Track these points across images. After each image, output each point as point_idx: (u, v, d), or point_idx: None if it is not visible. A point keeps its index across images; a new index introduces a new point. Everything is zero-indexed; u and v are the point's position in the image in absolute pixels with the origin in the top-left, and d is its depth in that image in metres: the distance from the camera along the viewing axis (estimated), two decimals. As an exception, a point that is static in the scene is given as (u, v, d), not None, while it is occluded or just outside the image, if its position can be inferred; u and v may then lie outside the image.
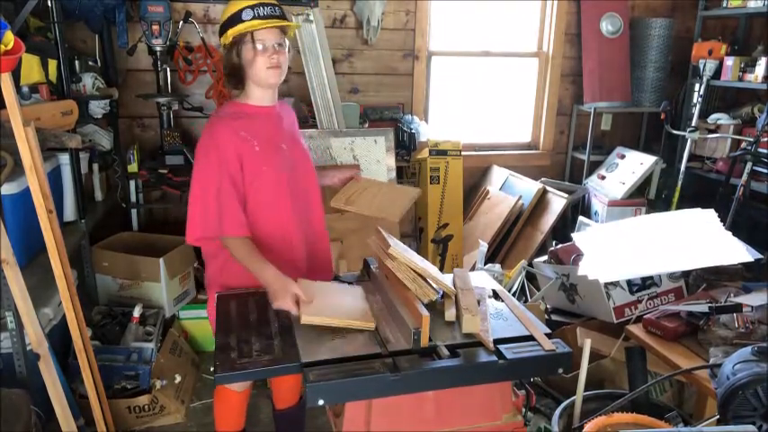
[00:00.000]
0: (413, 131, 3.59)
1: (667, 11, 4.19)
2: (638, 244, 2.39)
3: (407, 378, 1.34)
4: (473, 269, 3.33)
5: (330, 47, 3.25)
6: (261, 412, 2.61)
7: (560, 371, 1.45)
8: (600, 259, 2.39)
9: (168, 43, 3.06)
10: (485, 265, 3.35)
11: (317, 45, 3.11)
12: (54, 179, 2.40)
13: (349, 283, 1.83)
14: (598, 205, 3.93)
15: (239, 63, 1.78)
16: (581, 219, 3.69)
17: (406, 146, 3.60)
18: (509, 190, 3.93)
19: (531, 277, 3.25)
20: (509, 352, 1.42)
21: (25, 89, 2.28)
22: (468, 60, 4.13)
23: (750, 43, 4.15)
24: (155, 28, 2.99)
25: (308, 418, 2.33)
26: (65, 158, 2.51)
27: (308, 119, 3.33)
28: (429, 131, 3.75)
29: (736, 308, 1.92)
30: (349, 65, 3.76)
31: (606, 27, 4.01)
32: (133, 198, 3.24)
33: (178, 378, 2.65)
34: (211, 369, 2.03)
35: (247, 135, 1.78)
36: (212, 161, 1.75)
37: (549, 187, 3.82)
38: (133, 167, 3.15)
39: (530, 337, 1.51)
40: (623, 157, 4.05)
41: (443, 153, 3.51)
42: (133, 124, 3.52)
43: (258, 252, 1.76)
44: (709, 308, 1.95)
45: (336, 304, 1.62)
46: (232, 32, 1.74)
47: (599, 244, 2.50)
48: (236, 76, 1.82)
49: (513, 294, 3.04)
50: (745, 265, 2.41)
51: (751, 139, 3.47)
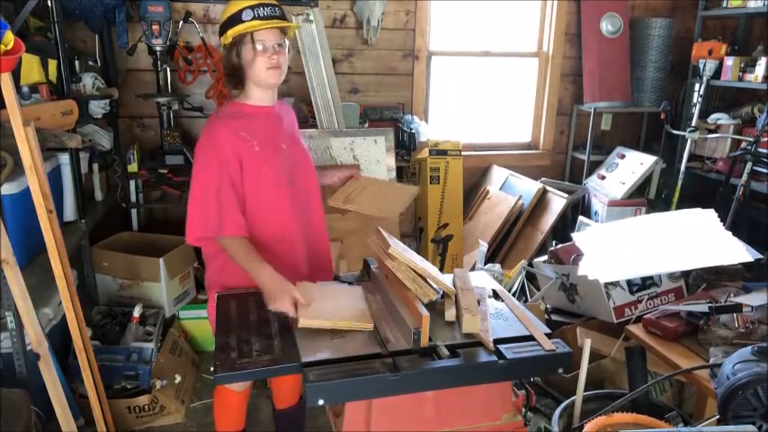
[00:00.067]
0: (413, 131, 3.59)
1: (667, 11, 4.19)
2: (638, 244, 2.39)
3: (407, 378, 1.34)
4: (473, 269, 3.33)
5: (330, 47, 3.25)
6: (261, 412, 2.61)
7: (560, 371, 1.45)
8: (600, 259, 2.39)
9: (168, 43, 3.06)
10: (485, 265, 3.35)
11: (316, 45, 3.11)
12: (54, 179, 2.40)
13: (349, 283, 1.83)
14: (598, 205, 3.93)
15: (239, 63, 1.78)
16: (581, 219, 3.69)
17: (406, 146, 3.60)
18: (509, 190, 3.93)
19: (531, 277, 3.25)
20: (509, 352, 1.42)
21: (25, 89, 2.28)
22: (468, 60, 4.12)
23: (750, 43, 4.15)
24: (155, 28, 2.99)
25: (308, 418, 2.33)
26: (65, 158, 2.51)
27: (308, 119, 3.33)
28: (429, 131, 3.74)
29: (736, 308, 1.92)
30: (349, 65, 3.76)
31: (606, 27, 4.01)
32: (133, 198, 3.24)
33: (178, 378, 2.66)
34: (211, 369, 2.03)
35: (247, 135, 1.78)
36: (212, 161, 1.75)
37: (549, 187, 3.82)
38: (133, 167, 3.15)
39: (530, 337, 1.51)
40: (623, 157, 4.05)
41: (443, 153, 3.51)
42: (133, 124, 3.52)
43: (256, 252, 1.76)
44: (710, 308, 1.95)
45: (334, 306, 1.62)
46: (232, 33, 1.74)
47: (599, 244, 2.50)
48: (235, 76, 1.82)
49: (513, 294, 3.04)
50: (745, 265, 2.41)
51: (751, 139, 3.47)
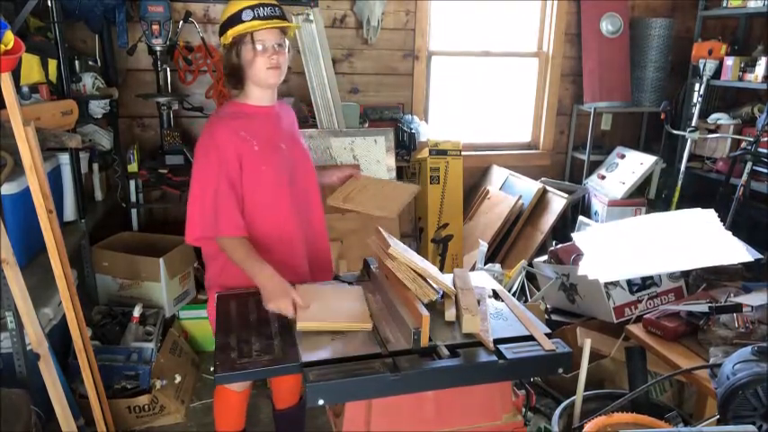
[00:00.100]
0: (413, 131, 3.59)
1: (667, 11, 4.19)
2: (638, 244, 2.39)
3: (407, 378, 1.34)
4: (473, 269, 3.32)
5: (330, 47, 3.25)
6: (261, 412, 2.61)
7: (560, 371, 1.45)
8: (600, 259, 2.39)
9: (168, 43, 3.06)
10: (485, 264, 3.35)
11: (316, 45, 3.11)
12: (54, 179, 2.39)
13: (349, 283, 1.83)
14: (598, 205, 3.93)
15: (239, 63, 1.78)
16: (581, 219, 3.69)
17: (406, 146, 3.60)
18: (509, 190, 3.93)
19: (531, 277, 3.25)
20: (509, 352, 1.42)
21: (25, 89, 2.28)
22: (468, 60, 4.12)
23: (750, 43, 4.15)
24: (155, 28, 2.99)
25: (308, 418, 2.33)
26: (65, 158, 2.51)
27: (308, 119, 3.33)
28: (429, 131, 3.74)
29: (736, 308, 1.92)
30: (349, 65, 3.75)
31: (606, 27, 4.01)
32: (133, 198, 3.24)
33: (178, 378, 2.65)
34: (211, 369, 2.03)
35: (246, 135, 1.78)
36: (211, 161, 1.75)
37: (549, 187, 3.82)
38: (133, 167, 3.15)
39: (530, 337, 1.50)
40: (623, 156, 4.05)
41: (443, 153, 3.51)
42: (133, 124, 3.52)
43: (255, 252, 1.75)
44: (710, 308, 1.95)
45: (333, 307, 1.62)
46: (232, 33, 1.74)
47: (599, 244, 2.50)
48: (235, 76, 1.81)
49: (513, 294, 3.04)
50: (745, 265, 2.41)
51: (751, 139, 3.47)
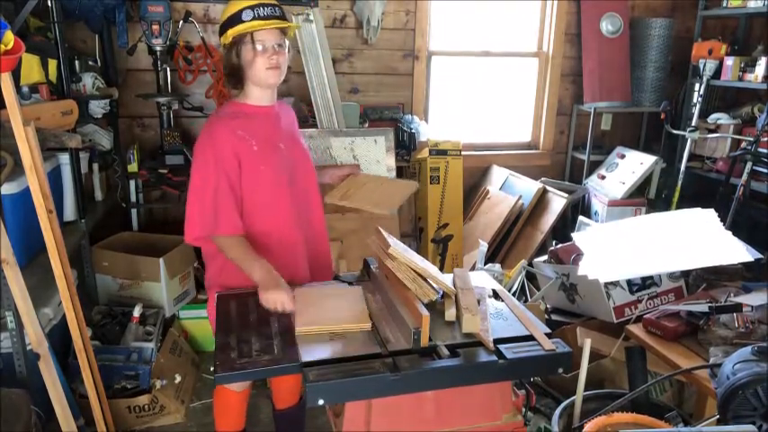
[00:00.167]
0: (413, 131, 3.59)
1: (667, 11, 4.19)
2: (638, 244, 2.39)
3: (407, 378, 1.34)
4: (473, 269, 3.32)
5: (330, 47, 3.25)
6: (261, 412, 2.61)
7: (560, 371, 1.45)
8: (600, 259, 2.39)
9: (168, 43, 3.06)
10: (485, 264, 3.35)
11: (317, 45, 3.11)
12: (54, 179, 2.39)
13: (349, 283, 1.83)
14: (598, 205, 3.93)
15: (239, 63, 1.78)
16: (581, 219, 3.69)
17: (406, 146, 3.60)
18: (509, 190, 3.93)
19: (531, 277, 3.25)
20: (509, 352, 1.42)
21: (25, 89, 2.28)
22: (468, 60, 4.12)
23: (750, 43, 4.15)
24: (155, 28, 2.99)
25: (308, 418, 2.33)
26: (65, 158, 2.51)
27: (308, 119, 3.33)
28: (429, 131, 3.75)
29: (736, 308, 1.92)
30: (349, 65, 3.75)
31: (606, 27, 4.01)
32: (133, 198, 3.24)
33: (178, 378, 2.65)
34: (211, 369, 2.03)
35: (245, 134, 1.78)
36: (209, 160, 1.75)
37: (549, 187, 3.82)
38: (133, 167, 3.15)
39: (530, 337, 1.50)
40: (623, 156, 4.05)
41: (443, 153, 3.51)
42: (133, 124, 3.52)
43: (252, 250, 1.75)
44: (710, 308, 1.95)
45: (332, 309, 1.62)
46: (232, 33, 1.74)
47: (599, 244, 2.50)
48: (235, 75, 1.82)
49: (513, 294, 3.04)
50: (745, 265, 2.41)
51: (751, 139, 3.47)
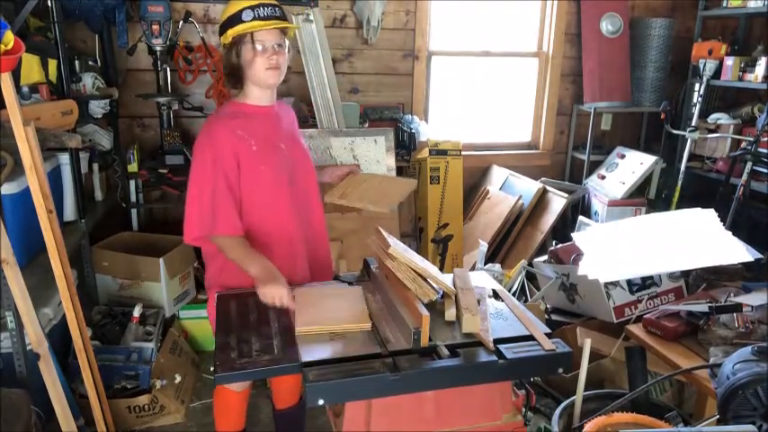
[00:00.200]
0: (413, 131, 3.59)
1: (667, 11, 4.19)
2: (638, 244, 2.39)
3: (407, 378, 1.34)
4: (473, 269, 3.32)
5: (330, 47, 3.25)
6: (261, 412, 2.61)
7: (560, 371, 1.45)
8: (600, 259, 2.39)
9: (168, 43, 3.06)
10: (485, 264, 3.35)
11: (317, 45, 3.11)
12: (54, 179, 2.39)
13: (349, 283, 1.83)
14: (598, 205, 3.93)
15: (238, 63, 1.78)
16: (581, 219, 3.69)
17: (406, 146, 3.60)
18: (509, 190, 3.93)
19: (531, 277, 3.25)
20: (509, 352, 1.42)
21: (25, 89, 2.28)
22: (468, 60, 4.12)
23: (750, 43, 4.15)
24: (155, 28, 2.99)
25: (308, 418, 2.33)
26: (65, 158, 2.51)
27: (308, 119, 3.33)
28: (429, 131, 3.74)
29: (736, 308, 1.92)
30: (349, 65, 3.75)
31: (606, 27, 4.01)
32: (133, 198, 3.24)
33: (178, 378, 2.65)
34: (211, 369, 2.03)
35: (244, 134, 1.78)
36: (208, 160, 1.75)
37: (549, 187, 3.82)
38: (133, 167, 3.15)
39: (530, 337, 1.50)
40: (623, 156, 4.05)
41: (443, 153, 3.51)
42: (133, 124, 3.52)
43: (252, 249, 1.76)
44: (710, 308, 1.95)
45: (332, 309, 1.62)
46: (232, 33, 1.74)
47: (599, 244, 2.50)
48: (235, 75, 1.81)
49: (513, 294, 3.04)
50: (745, 265, 2.41)
51: (751, 139, 3.47)
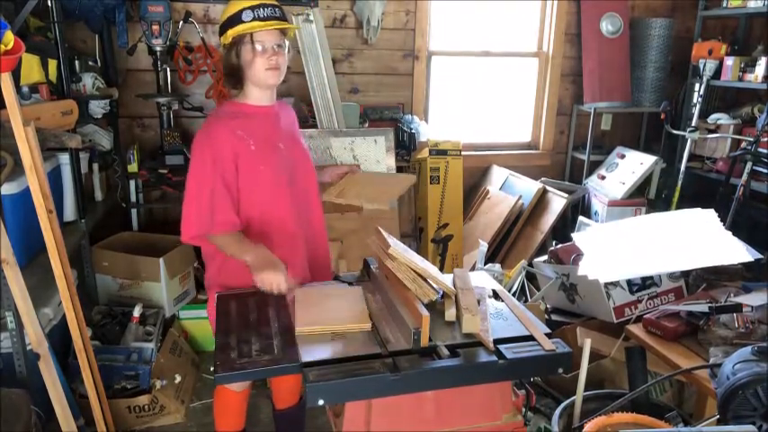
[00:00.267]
0: (413, 131, 3.59)
1: (667, 11, 4.19)
2: (638, 244, 2.39)
3: (407, 378, 1.34)
4: (473, 269, 3.32)
5: (330, 47, 3.25)
6: (261, 412, 2.61)
7: (560, 371, 1.45)
8: (600, 259, 2.39)
9: (168, 43, 3.06)
10: (485, 264, 3.35)
11: (317, 45, 3.11)
12: (54, 179, 2.39)
13: (349, 284, 1.83)
14: (598, 205, 3.93)
15: (238, 63, 1.78)
16: (581, 219, 3.69)
17: (406, 146, 3.60)
18: (509, 190, 3.93)
19: (531, 277, 3.25)
20: (509, 352, 1.42)
21: (25, 89, 2.28)
22: (468, 60, 4.12)
23: (750, 43, 4.15)
24: (155, 28, 2.99)
25: (308, 418, 2.33)
26: (65, 158, 2.51)
27: (308, 119, 3.33)
28: (429, 131, 3.74)
29: (736, 308, 1.92)
30: (349, 65, 3.75)
31: (606, 27, 4.01)
32: (133, 198, 3.24)
33: (178, 378, 2.65)
34: (211, 369, 2.03)
35: (243, 134, 1.78)
36: (206, 160, 1.75)
37: (549, 187, 3.82)
38: (133, 167, 3.15)
39: (530, 337, 1.50)
40: (623, 156, 4.05)
41: (443, 153, 3.51)
42: (133, 124, 3.52)
43: (248, 240, 1.76)
44: (710, 308, 1.95)
45: (332, 309, 1.62)
46: (232, 33, 1.74)
47: (599, 244, 2.50)
48: (234, 76, 1.82)
49: (513, 294, 3.04)
50: (745, 265, 2.41)
51: (751, 139, 3.47)
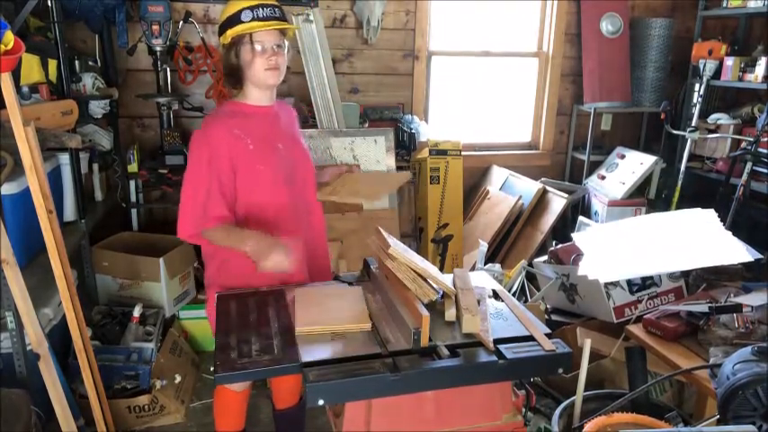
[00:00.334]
0: (413, 131, 3.59)
1: (667, 11, 4.19)
2: (638, 244, 2.39)
3: (407, 378, 1.34)
4: (473, 269, 3.32)
5: (330, 47, 3.25)
6: (261, 412, 2.61)
7: (560, 371, 1.45)
8: (600, 259, 2.39)
9: (168, 43, 3.06)
10: (485, 264, 3.35)
11: (316, 45, 3.11)
12: (54, 179, 2.39)
13: (349, 284, 1.83)
14: (598, 205, 3.93)
15: (238, 63, 1.78)
16: (581, 219, 3.69)
17: (406, 146, 3.60)
18: (509, 190, 3.93)
19: (531, 277, 3.25)
20: (509, 352, 1.42)
21: (25, 89, 2.28)
22: (468, 60, 4.12)
23: (750, 43, 4.15)
24: (155, 28, 2.99)
25: (308, 418, 2.33)
26: (65, 158, 2.51)
27: (308, 119, 3.33)
28: (429, 131, 3.74)
29: (736, 308, 1.92)
30: (349, 65, 3.75)
31: (606, 27, 4.01)
32: (133, 198, 3.24)
33: (178, 378, 2.65)
34: (211, 369, 2.03)
35: (241, 133, 1.78)
36: (203, 158, 1.75)
37: (549, 187, 3.82)
38: (133, 167, 3.15)
39: (530, 337, 1.50)
40: (623, 157, 4.05)
41: (443, 153, 3.51)
42: (133, 124, 3.52)
43: (241, 229, 1.76)
44: (710, 308, 1.95)
45: (332, 309, 1.62)
46: (231, 33, 1.74)
47: (599, 244, 2.50)
48: (234, 76, 1.81)
49: (513, 294, 3.04)
50: (745, 265, 2.41)
51: (751, 139, 3.47)
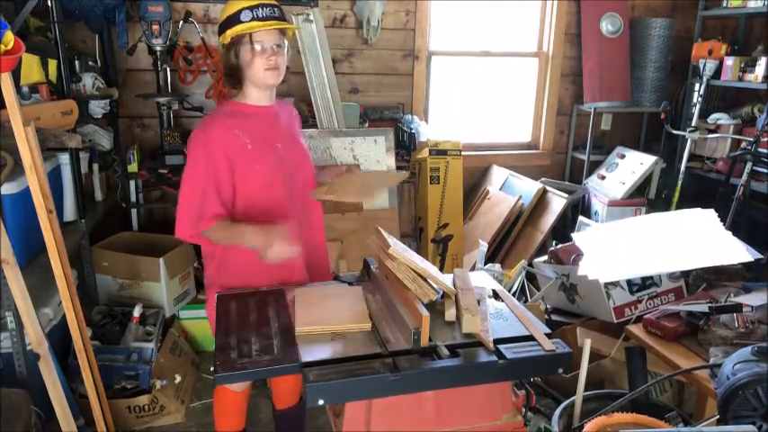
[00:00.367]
0: (413, 131, 3.59)
1: (667, 11, 4.19)
2: (638, 244, 2.39)
3: (407, 378, 1.34)
4: (473, 269, 3.32)
5: (330, 47, 3.25)
6: (261, 412, 2.61)
7: (560, 371, 1.45)
8: (600, 259, 2.39)
9: (168, 43, 3.07)
10: (485, 264, 3.35)
11: (316, 45, 3.11)
12: (54, 179, 2.39)
13: (349, 284, 1.83)
14: (598, 205, 3.93)
15: (237, 63, 1.77)
16: (581, 219, 3.69)
17: (406, 146, 3.60)
18: (509, 190, 3.93)
19: (531, 277, 3.25)
20: (509, 352, 1.42)
21: (25, 89, 2.28)
22: (468, 60, 4.12)
23: (750, 43, 4.15)
24: (155, 28, 2.99)
25: (308, 418, 2.33)
26: (65, 158, 2.51)
27: (308, 119, 3.33)
28: (429, 131, 3.74)
29: (736, 308, 1.92)
30: (349, 65, 3.75)
31: (606, 27, 4.01)
32: (133, 198, 3.24)
33: (178, 378, 2.65)
34: (211, 369, 2.03)
35: (240, 133, 1.77)
36: (200, 158, 1.75)
37: (549, 187, 3.82)
38: (133, 167, 3.15)
39: (530, 337, 1.50)
40: (623, 156, 4.05)
41: (443, 153, 3.51)
42: (133, 124, 3.52)
43: (239, 223, 1.76)
44: (710, 308, 1.95)
45: (332, 309, 1.62)
46: (230, 33, 1.74)
47: (599, 244, 2.50)
48: (234, 76, 1.81)
49: (513, 294, 3.04)
50: (745, 265, 2.41)
51: (751, 139, 3.47)
